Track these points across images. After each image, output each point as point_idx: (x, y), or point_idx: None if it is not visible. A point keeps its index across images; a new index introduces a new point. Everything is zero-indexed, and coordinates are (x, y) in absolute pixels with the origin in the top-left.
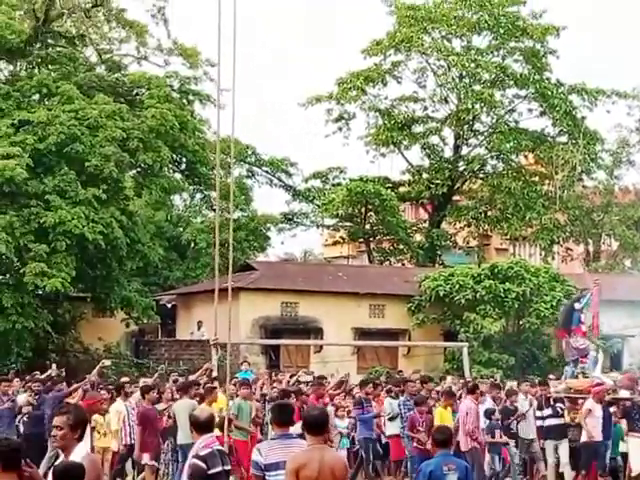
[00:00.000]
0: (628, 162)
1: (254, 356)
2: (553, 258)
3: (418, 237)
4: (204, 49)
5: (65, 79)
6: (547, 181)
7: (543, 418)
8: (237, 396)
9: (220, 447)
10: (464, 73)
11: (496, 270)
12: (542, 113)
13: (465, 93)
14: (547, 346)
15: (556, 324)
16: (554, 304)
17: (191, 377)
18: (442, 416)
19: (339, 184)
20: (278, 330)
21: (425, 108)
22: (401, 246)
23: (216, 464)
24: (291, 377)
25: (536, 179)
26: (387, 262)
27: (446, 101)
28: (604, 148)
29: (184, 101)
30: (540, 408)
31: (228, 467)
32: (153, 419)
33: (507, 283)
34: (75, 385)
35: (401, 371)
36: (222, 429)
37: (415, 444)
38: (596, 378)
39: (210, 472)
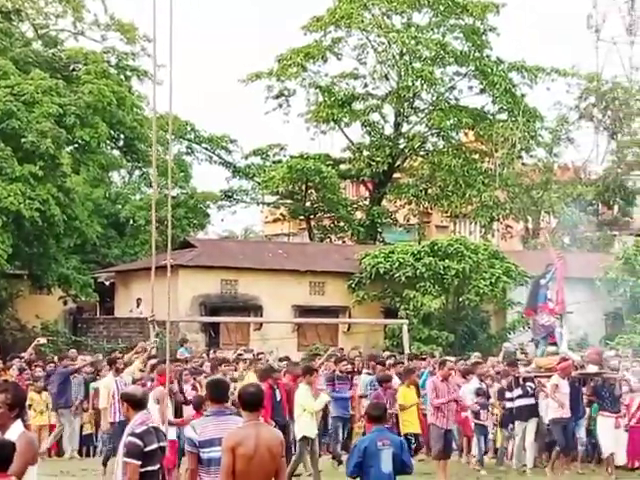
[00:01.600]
0: (567, 140)
1: (193, 334)
2: (493, 235)
3: (359, 214)
4: (141, 25)
5: (1, 54)
6: (487, 158)
7: (512, 399)
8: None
9: (155, 424)
10: (404, 50)
11: (436, 247)
12: (482, 90)
13: (405, 70)
14: (486, 323)
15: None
16: (493, 281)
17: (126, 356)
18: (405, 395)
19: (279, 161)
20: (218, 308)
21: (365, 85)
22: (342, 223)
23: (152, 441)
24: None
25: (476, 156)
26: (328, 239)
27: (386, 78)
28: (544, 126)
29: (122, 77)
30: (510, 389)
31: (164, 444)
32: None
33: (447, 260)
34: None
35: (342, 348)
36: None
37: None
38: (562, 354)
39: (146, 449)
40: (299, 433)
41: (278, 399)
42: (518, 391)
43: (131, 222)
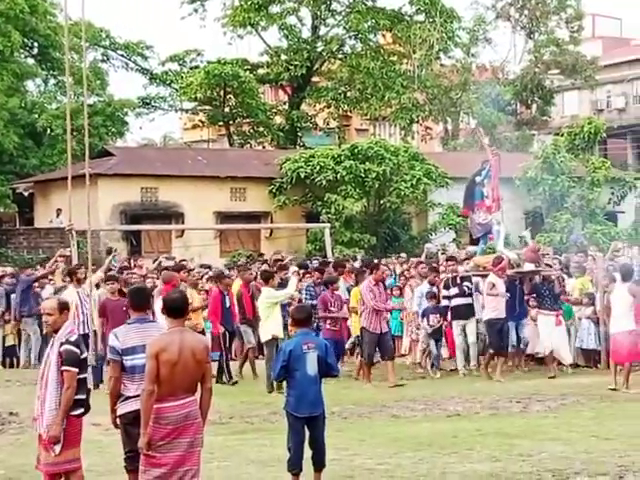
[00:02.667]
0: (485, 40)
1: (115, 242)
2: (413, 137)
3: (278, 119)
4: None
5: None
6: (405, 60)
7: (449, 297)
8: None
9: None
10: None
11: (356, 150)
12: None
13: None
14: (408, 225)
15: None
16: (414, 183)
17: (48, 265)
18: (356, 295)
19: (197, 67)
20: (138, 216)
21: None
22: (261, 129)
23: (84, 349)
24: (154, 262)
25: (394, 59)
26: (247, 145)
27: None
28: (461, 26)
29: None
30: (447, 287)
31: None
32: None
33: (367, 163)
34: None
35: (263, 253)
36: None
37: (328, 326)
38: (498, 252)
39: (82, 357)
40: (267, 334)
41: (227, 305)
42: (455, 290)
43: (48, 131)
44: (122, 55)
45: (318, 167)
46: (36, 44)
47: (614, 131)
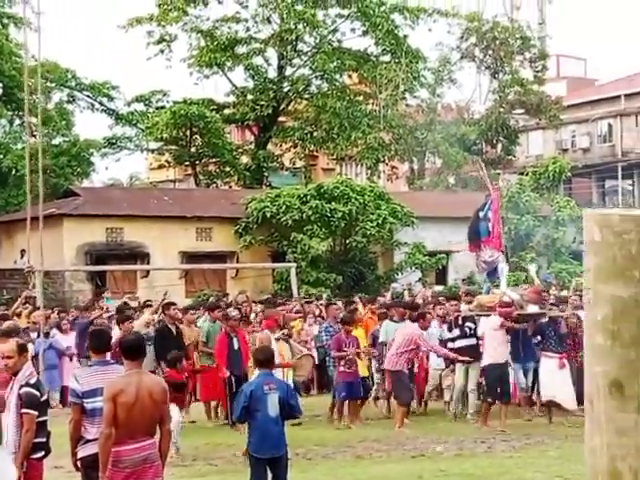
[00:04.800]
0: (450, 80)
1: (80, 283)
2: (379, 177)
3: (244, 159)
4: None
5: None
6: (371, 100)
7: (453, 340)
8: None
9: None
10: None
11: (322, 190)
12: (365, 32)
13: (287, 13)
14: (374, 264)
15: (385, 242)
16: (380, 222)
17: (13, 307)
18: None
19: (163, 107)
20: (104, 256)
21: (248, 29)
22: (227, 168)
23: (44, 392)
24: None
25: (360, 98)
26: (214, 185)
27: (269, 21)
28: (426, 66)
29: None
30: (449, 329)
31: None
32: None
33: (333, 203)
34: None
35: (227, 293)
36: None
37: (342, 367)
38: (502, 293)
39: (42, 399)
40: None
41: (235, 347)
42: (457, 331)
43: (14, 172)
44: (88, 95)
45: (284, 207)
46: (1, 85)
47: (579, 170)
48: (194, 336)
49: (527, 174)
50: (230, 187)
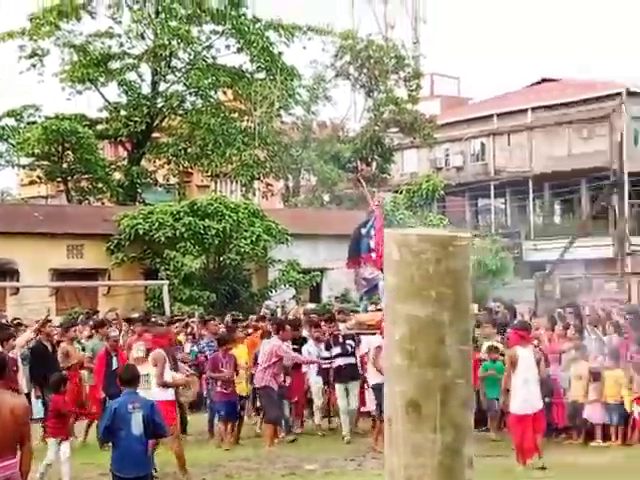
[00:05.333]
0: (325, 97)
1: None
2: (254, 194)
3: (118, 175)
4: None
5: None
6: (246, 117)
7: (331, 358)
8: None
9: None
10: (160, 9)
11: (196, 207)
12: (239, 49)
13: (161, 29)
14: (248, 281)
15: (260, 259)
16: (254, 240)
17: None
18: (240, 354)
19: (34, 122)
20: None
21: (121, 44)
22: (100, 185)
23: None
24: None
25: (235, 115)
26: (86, 201)
27: (142, 37)
28: (301, 84)
29: None
30: (327, 347)
31: None
32: None
33: (207, 220)
34: None
35: (98, 311)
36: None
37: (219, 388)
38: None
39: None
40: None
41: (114, 367)
42: (337, 349)
43: None
44: None
45: (157, 224)
46: None
47: (452, 189)
48: (78, 355)
49: (401, 192)
50: (103, 203)
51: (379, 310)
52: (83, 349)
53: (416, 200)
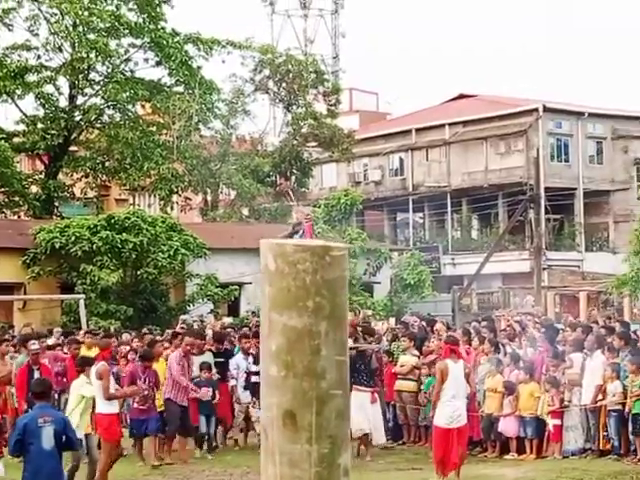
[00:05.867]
0: (244, 112)
1: None
2: (172, 208)
3: (34, 189)
4: None
5: None
6: (165, 131)
7: (258, 373)
8: None
9: None
10: (78, 21)
11: (113, 221)
12: (158, 63)
13: (79, 42)
14: (166, 295)
15: (177, 273)
16: (172, 254)
17: None
18: (160, 369)
19: None
20: None
21: (39, 57)
22: (16, 198)
23: None
24: None
25: (154, 129)
26: (2, 215)
27: (60, 50)
28: (220, 98)
29: None
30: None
31: None
32: None
33: (124, 233)
34: None
35: (13, 326)
36: None
37: (136, 404)
38: None
39: None
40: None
41: None
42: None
43: None
44: None
45: (73, 237)
46: None
47: (371, 203)
48: (6, 370)
49: (319, 206)
50: (19, 217)
51: None
52: None
53: (334, 214)
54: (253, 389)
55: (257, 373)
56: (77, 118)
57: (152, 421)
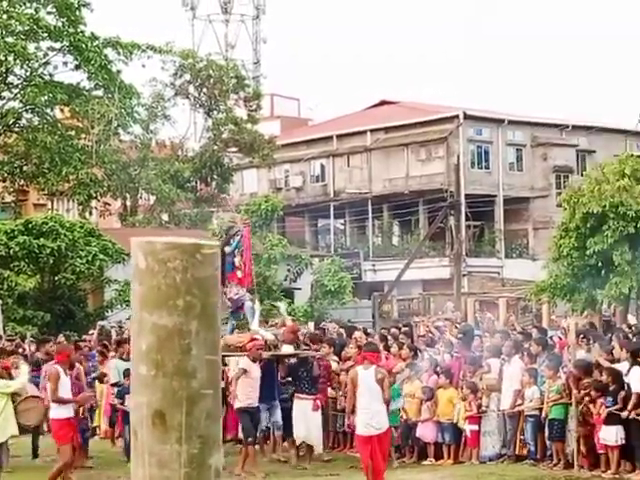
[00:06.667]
0: (164, 116)
1: None
2: (91, 213)
3: None
4: None
5: None
6: (83, 135)
7: None
8: None
9: None
10: None
11: (30, 226)
12: (77, 67)
13: None
14: (84, 301)
15: (96, 279)
16: (90, 259)
17: None
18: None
19: None
20: None
21: None
22: None
23: None
24: None
25: (72, 133)
26: None
27: None
28: (140, 102)
29: None
30: None
31: None
32: None
33: (42, 239)
34: None
35: None
36: None
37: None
38: (254, 332)
39: None
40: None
41: None
42: None
43: None
44: None
45: None
46: None
47: (292, 209)
48: None
49: (240, 212)
50: None
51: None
52: None
53: (255, 220)
54: None
55: None
56: None
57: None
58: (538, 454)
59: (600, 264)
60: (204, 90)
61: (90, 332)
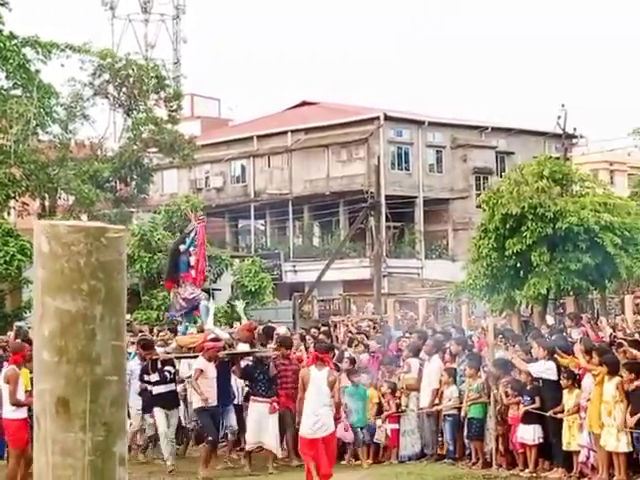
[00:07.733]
0: (83, 116)
1: None
2: (9, 213)
3: None
4: None
5: None
6: (1, 135)
7: (152, 383)
8: None
9: None
10: None
11: None
12: None
13: None
14: (1, 302)
15: (13, 280)
16: (8, 259)
17: None
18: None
19: None
20: None
21: None
22: None
23: None
24: None
25: None
26: None
27: None
28: (59, 102)
29: None
30: (147, 372)
31: None
32: None
33: None
34: None
35: None
36: None
37: None
38: (209, 332)
39: None
40: None
41: None
42: (156, 376)
43: None
44: None
45: None
46: None
47: (213, 210)
48: None
49: (160, 212)
50: None
51: (201, 332)
52: None
53: (175, 220)
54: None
55: (151, 384)
56: None
57: None
58: (457, 453)
59: (519, 265)
60: (123, 90)
61: (8, 333)
